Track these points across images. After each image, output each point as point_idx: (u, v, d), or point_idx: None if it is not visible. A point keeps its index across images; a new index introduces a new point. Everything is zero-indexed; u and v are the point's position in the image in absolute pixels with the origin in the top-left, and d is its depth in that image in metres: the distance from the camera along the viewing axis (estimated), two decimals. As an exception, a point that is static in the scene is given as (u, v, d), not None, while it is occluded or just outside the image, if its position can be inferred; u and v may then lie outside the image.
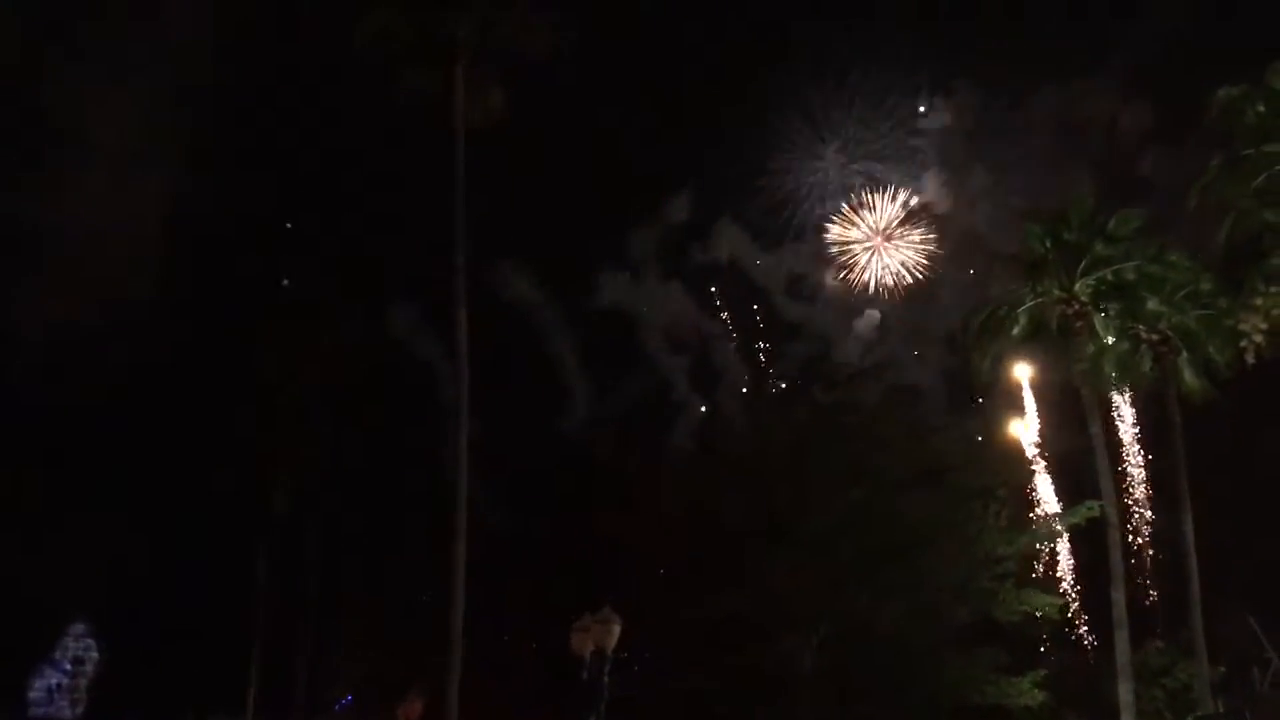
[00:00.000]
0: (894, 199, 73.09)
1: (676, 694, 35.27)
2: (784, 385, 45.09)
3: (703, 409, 62.57)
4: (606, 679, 21.64)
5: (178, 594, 39.84)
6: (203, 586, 39.95)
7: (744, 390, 62.88)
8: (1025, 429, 57.82)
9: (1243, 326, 33.82)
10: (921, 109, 71.61)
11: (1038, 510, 50.40)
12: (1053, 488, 54.62)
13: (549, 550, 40.78)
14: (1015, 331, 37.69)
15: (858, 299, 72.37)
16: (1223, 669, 39.26)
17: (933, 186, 70.79)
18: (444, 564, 29.81)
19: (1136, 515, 54.46)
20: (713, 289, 72.49)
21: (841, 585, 33.52)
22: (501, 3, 30.16)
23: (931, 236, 72.92)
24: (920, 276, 72.79)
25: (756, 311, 71.38)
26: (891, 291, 71.79)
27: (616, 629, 22.11)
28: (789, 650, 34.17)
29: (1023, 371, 55.14)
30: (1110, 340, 35.89)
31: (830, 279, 73.47)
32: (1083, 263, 37.10)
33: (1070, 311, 36.82)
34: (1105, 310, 36.28)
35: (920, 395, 58.09)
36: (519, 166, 57.31)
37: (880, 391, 42.78)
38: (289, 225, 54.77)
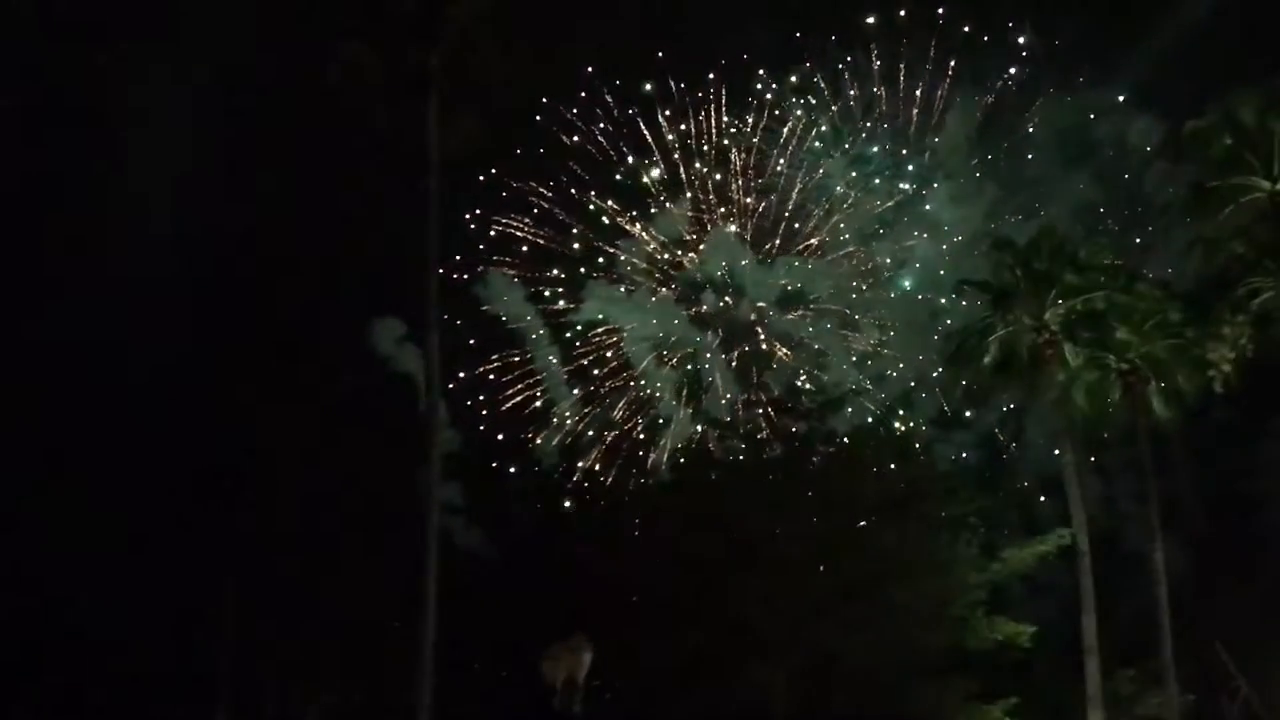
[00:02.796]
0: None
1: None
2: (767, 404, 44.98)
3: (693, 428, 61.40)
4: (578, 708, 21.54)
5: (140, 620, 39.20)
6: (167, 611, 39.35)
7: (734, 407, 61.46)
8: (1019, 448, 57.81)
9: (1211, 356, 34.31)
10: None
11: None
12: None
13: (523, 574, 40.50)
14: (986, 360, 37.99)
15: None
16: (1192, 697, 39.52)
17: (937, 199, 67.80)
18: (416, 587, 29.49)
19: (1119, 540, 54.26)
20: (703, 306, 69.76)
21: (813, 615, 33.47)
22: (473, 34, 30.04)
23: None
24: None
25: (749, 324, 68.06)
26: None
27: (588, 657, 22.01)
28: (760, 681, 34.05)
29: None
30: (1080, 369, 36.19)
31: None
32: (1053, 292, 37.48)
33: (1041, 340, 37.16)
34: (1075, 339, 36.61)
35: (911, 411, 58.27)
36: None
37: (855, 418, 42.91)
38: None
